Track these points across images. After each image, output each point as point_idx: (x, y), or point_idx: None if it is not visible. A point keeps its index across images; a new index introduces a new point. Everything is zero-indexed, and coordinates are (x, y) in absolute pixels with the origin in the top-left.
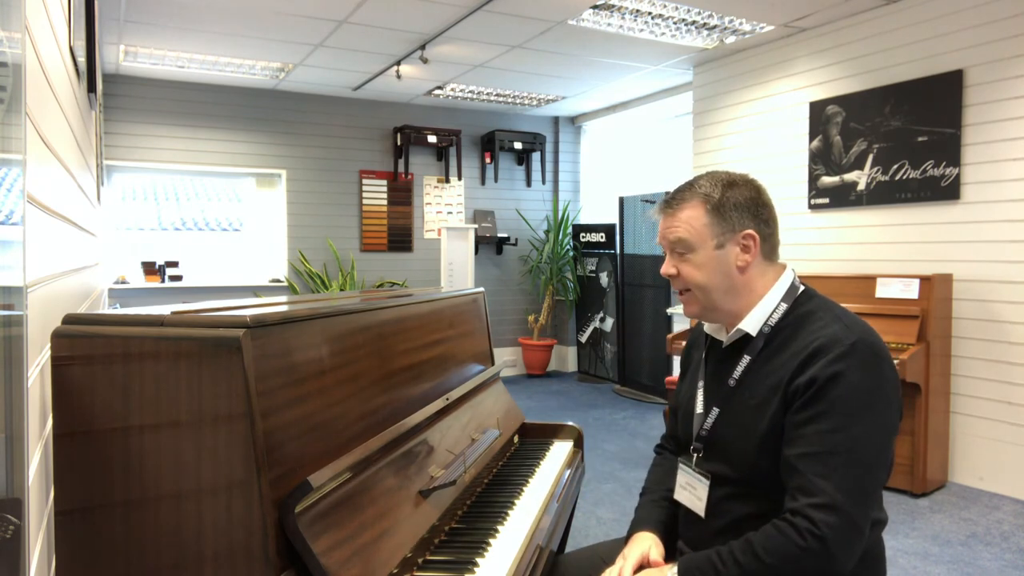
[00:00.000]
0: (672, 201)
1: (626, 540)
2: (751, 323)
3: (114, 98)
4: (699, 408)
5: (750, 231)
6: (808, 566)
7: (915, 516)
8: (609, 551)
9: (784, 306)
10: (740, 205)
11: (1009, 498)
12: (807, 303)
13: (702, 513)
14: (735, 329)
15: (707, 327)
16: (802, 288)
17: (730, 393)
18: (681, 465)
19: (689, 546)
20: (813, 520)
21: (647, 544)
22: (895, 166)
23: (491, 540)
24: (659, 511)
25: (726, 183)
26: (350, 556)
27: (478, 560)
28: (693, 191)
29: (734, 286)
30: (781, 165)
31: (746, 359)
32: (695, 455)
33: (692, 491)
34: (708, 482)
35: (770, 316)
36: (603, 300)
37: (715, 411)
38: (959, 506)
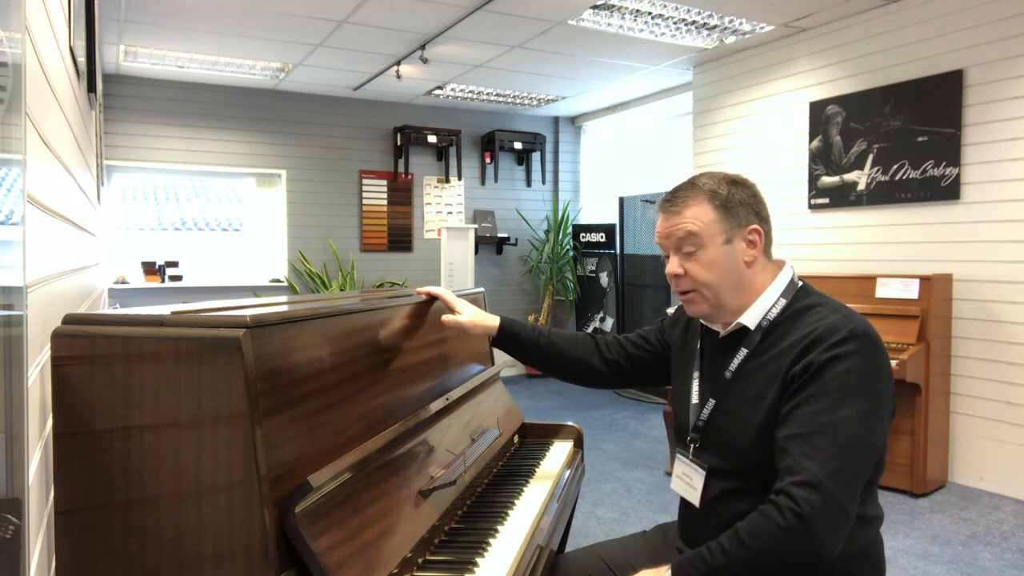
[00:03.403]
0: (675, 199)
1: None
2: (751, 317)
3: (114, 98)
4: (695, 398)
5: (755, 226)
6: (791, 548)
7: (915, 516)
8: (609, 551)
9: (783, 301)
10: (744, 202)
11: (1009, 498)
12: (805, 298)
13: (697, 503)
14: (735, 323)
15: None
16: (800, 284)
17: (726, 385)
18: (679, 456)
19: (689, 545)
20: (794, 497)
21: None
22: (895, 166)
23: (491, 540)
24: (523, 324)
25: (729, 180)
26: (350, 556)
27: (478, 560)
28: (697, 188)
29: (741, 282)
30: (781, 165)
31: (743, 352)
32: (692, 445)
33: (688, 481)
34: (704, 473)
35: (769, 311)
36: (603, 300)
37: (711, 402)
38: (959, 506)
